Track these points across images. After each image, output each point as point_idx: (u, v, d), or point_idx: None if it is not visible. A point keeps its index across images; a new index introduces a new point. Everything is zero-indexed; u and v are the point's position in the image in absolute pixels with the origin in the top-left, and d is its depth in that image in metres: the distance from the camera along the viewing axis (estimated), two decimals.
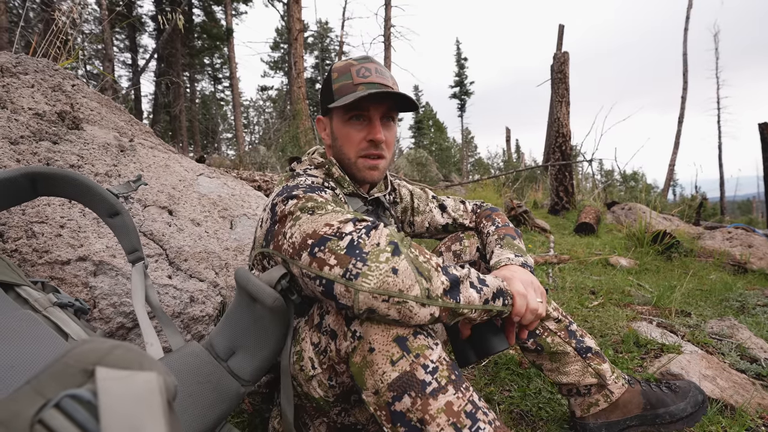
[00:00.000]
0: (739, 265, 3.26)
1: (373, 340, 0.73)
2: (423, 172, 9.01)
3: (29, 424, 0.31)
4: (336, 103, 0.97)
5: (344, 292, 0.72)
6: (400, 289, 0.70)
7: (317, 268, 0.74)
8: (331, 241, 0.75)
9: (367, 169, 1.03)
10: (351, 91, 0.97)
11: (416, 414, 0.70)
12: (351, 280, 0.71)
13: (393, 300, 0.70)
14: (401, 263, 0.72)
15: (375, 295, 0.70)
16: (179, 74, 16.42)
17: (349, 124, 1.00)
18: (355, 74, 0.98)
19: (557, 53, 6.61)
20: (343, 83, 0.99)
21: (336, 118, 1.03)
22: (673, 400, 1.09)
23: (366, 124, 1.00)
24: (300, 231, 0.79)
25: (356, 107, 0.98)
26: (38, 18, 9.04)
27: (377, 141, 1.00)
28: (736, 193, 21.37)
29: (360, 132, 1.00)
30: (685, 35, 17.13)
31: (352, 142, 1.01)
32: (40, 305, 0.79)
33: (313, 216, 0.80)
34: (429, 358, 0.73)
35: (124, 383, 0.33)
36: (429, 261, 0.76)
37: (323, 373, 0.83)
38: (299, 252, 0.78)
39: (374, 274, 0.70)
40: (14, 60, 1.52)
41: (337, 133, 1.03)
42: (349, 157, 1.03)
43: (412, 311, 0.71)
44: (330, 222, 0.77)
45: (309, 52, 26.06)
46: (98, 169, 1.34)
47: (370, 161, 1.02)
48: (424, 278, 0.72)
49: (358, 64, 1.00)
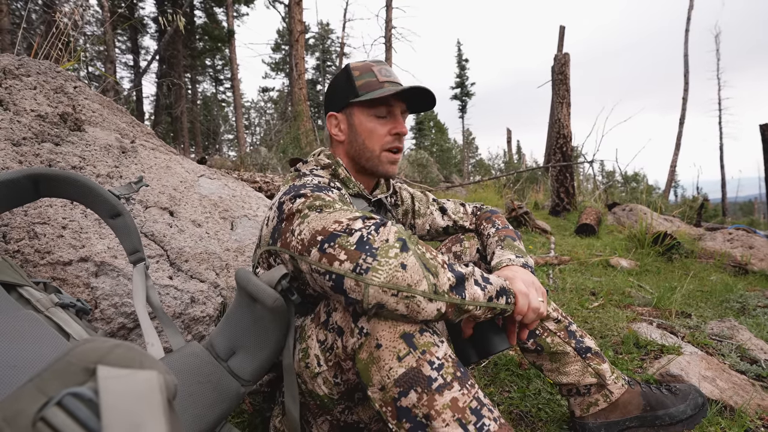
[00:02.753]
0: (739, 267, 3.26)
1: (380, 336, 0.74)
2: (424, 173, 9.01)
3: (32, 421, 0.31)
4: (365, 96, 1.01)
5: (354, 286, 0.73)
6: (409, 284, 0.71)
7: (327, 264, 0.75)
8: (341, 237, 0.76)
9: (389, 163, 1.08)
10: (378, 88, 1.02)
11: (422, 410, 0.71)
12: (361, 274, 0.72)
13: (402, 294, 0.71)
14: (410, 259, 0.73)
15: (385, 289, 0.71)
16: (181, 76, 16.46)
17: (374, 119, 1.05)
18: (378, 73, 1.04)
19: (558, 54, 6.62)
20: (368, 80, 1.03)
21: (359, 113, 1.06)
22: (673, 402, 1.09)
23: (390, 119, 1.06)
24: (309, 228, 0.80)
25: (385, 102, 1.03)
26: (40, 20, 9.08)
27: (403, 133, 1.06)
28: (738, 194, 21.34)
29: (385, 126, 1.05)
30: (686, 36, 17.13)
31: (377, 135, 1.05)
32: (42, 305, 0.80)
33: (321, 214, 0.81)
34: (435, 355, 0.74)
35: (125, 381, 0.34)
36: (435, 258, 0.77)
37: (329, 371, 0.84)
38: (309, 248, 0.79)
39: (384, 268, 0.71)
40: (17, 62, 1.53)
41: (360, 128, 1.06)
42: (372, 150, 1.06)
43: (420, 306, 0.72)
44: (339, 219, 0.79)
45: (310, 53, 26.11)
46: (100, 170, 1.35)
47: (393, 155, 1.07)
48: (431, 274, 0.74)
49: (377, 65, 1.06)
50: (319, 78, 26.24)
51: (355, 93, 1.03)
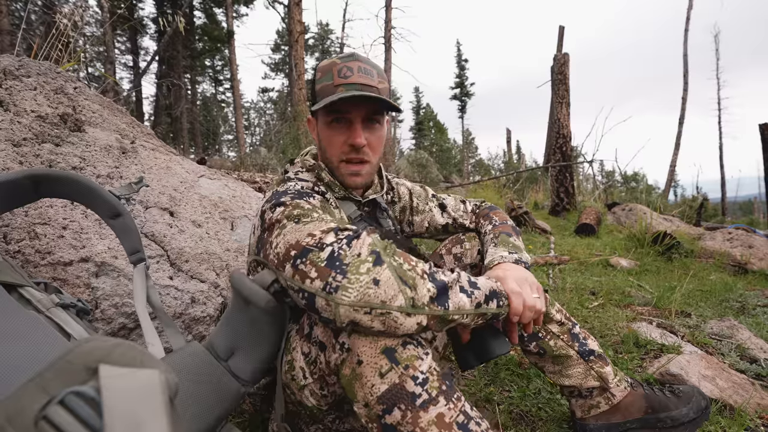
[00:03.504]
0: (739, 266, 3.26)
1: (361, 352, 0.71)
2: (423, 174, 9.01)
3: (34, 420, 0.31)
4: (316, 105, 0.95)
5: (325, 306, 0.70)
6: (383, 300, 0.68)
7: (299, 281, 0.73)
8: (312, 253, 0.73)
9: (348, 175, 1.00)
10: (331, 93, 0.93)
11: (407, 427, 0.69)
12: (331, 293, 0.69)
13: (376, 312, 0.68)
14: (383, 273, 0.70)
15: (356, 308, 0.68)
16: (180, 76, 16.47)
17: (330, 127, 0.97)
18: (336, 74, 0.94)
19: (557, 55, 6.62)
20: (325, 84, 0.95)
21: (320, 120, 1.00)
22: (675, 405, 1.07)
23: (347, 127, 0.97)
24: (284, 241, 0.78)
25: (336, 110, 0.94)
26: (40, 21, 9.08)
27: (356, 145, 0.96)
28: (738, 194, 21.35)
29: (341, 135, 0.97)
30: (685, 36, 17.14)
31: (334, 145, 0.98)
32: (43, 306, 0.80)
33: (298, 225, 0.78)
34: (419, 369, 0.71)
35: (127, 380, 0.34)
36: (414, 269, 0.73)
37: (314, 383, 0.82)
38: (283, 263, 0.76)
39: (354, 286, 0.68)
40: (17, 63, 1.53)
41: (321, 135, 1.01)
42: (332, 161, 1.01)
43: (397, 322, 0.69)
44: (312, 232, 0.76)
45: (310, 54, 26.09)
46: (100, 171, 1.35)
47: (352, 167, 0.99)
48: (408, 287, 0.70)
49: (341, 63, 0.95)
50: None
51: (314, 98, 0.97)
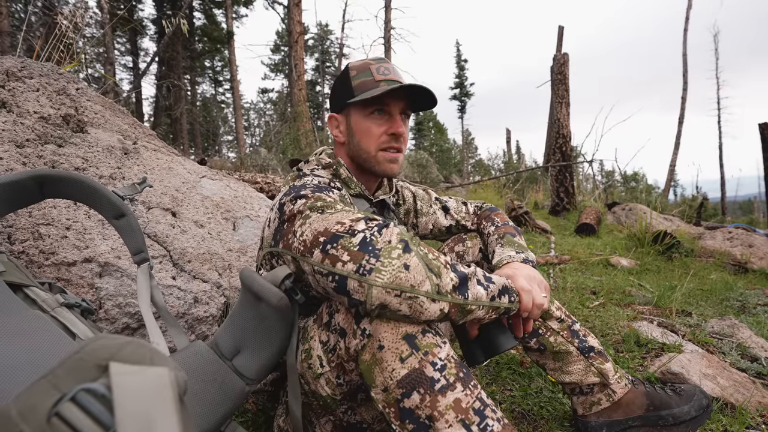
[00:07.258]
0: (739, 265, 3.27)
1: (382, 337, 0.74)
2: (423, 174, 9.01)
3: (46, 416, 0.32)
4: (359, 97, 1.00)
5: (357, 287, 0.73)
6: (412, 285, 0.72)
7: (330, 265, 0.76)
8: (343, 238, 0.76)
9: (387, 162, 1.05)
10: (373, 87, 1.00)
11: (425, 411, 0.71)
12: (364, 275, 0.72)
13: (405, 295, 0.71)
14: (412, 259, 0.73)
15: (388, 289, 0.71)
16: (180, 77, 16.46)
17: (370, 119, 1.03)
18: (375, 72, 1.02)
19: (557, 55, 6.63)
20: (364, 80, 1.02)
21: (355, 113, 1.05)
22: (677, 403, 1.08)
23: (386, 118, 1.03)
24: (311, 229, 0.80)
25: (379, 102, 1.01)
26: (40, 22, 9.08)
27: (399, 134, 1.03)
28: (737, 193, 21.34)
29: (381, 126, 1.03)
30: (684, 35, 17.15)
31: (373, 135, 1.03)
32: (48, 306, 0.80)
33: (323, 215, 0.81)
34: (438, 356, 0.74)
35: (137, 378, 0.34)
36: (438, 258, 0.77)
37: (331, 372, 0.84)
38: (311, 249, 0.79)
39: (387, 269, 0.71)
40: (19, 64, 1.53)
41: (356, 128, 1.05)
42: (368, 151, 1.05)
43: (423, 306, 0.73)
44: (341, 220, 0.79)
45: (309, 54, 26.11)
46: (103, 171, 1.36)
47: (390, 154, 1.05)
48: (434, 274, 0.74)
49: (376, 63, 1.04)
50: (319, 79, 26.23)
51: (351, 93, 1.02)
